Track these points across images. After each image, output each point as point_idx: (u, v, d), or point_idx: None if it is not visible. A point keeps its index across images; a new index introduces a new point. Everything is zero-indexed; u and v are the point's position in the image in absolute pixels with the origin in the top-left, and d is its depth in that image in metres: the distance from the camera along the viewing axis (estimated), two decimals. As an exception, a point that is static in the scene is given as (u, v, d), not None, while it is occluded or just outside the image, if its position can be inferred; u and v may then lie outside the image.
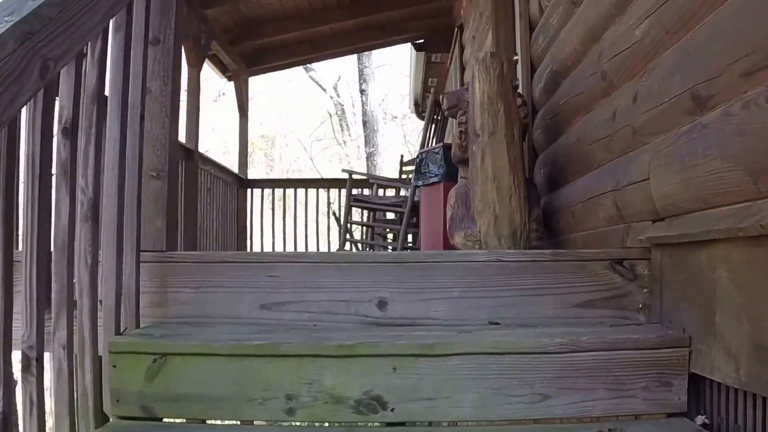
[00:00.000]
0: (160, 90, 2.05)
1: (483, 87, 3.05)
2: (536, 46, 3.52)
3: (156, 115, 2.04)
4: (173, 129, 2.07)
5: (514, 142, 3.05)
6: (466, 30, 7.09)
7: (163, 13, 2.06)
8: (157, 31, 2.05)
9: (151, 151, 2.03)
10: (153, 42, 2.05)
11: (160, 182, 2.04)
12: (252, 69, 8.64)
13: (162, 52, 2.06)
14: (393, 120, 21.05)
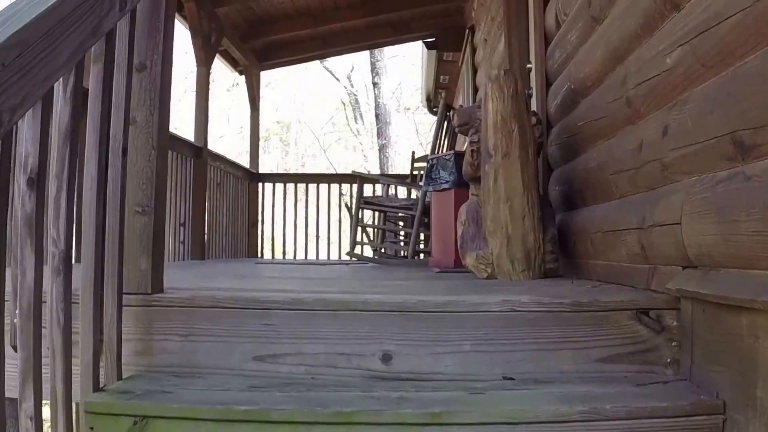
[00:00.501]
0: (146, 120, 1.88)
1: (496, 106, 2.89)
2: (552, 60, 3.34)
3: (141, 146, 1.88)
4: (161, 161, 1.91)
5: (528, 162, 2.89)
6: (478, 32, 6.89)
7: (150, 37, 1.90)
8: (143, 56, 1.89)
9: (136, 185, 1.88)
10: (139, 68, 1.89)
11: (145, 218, 1.88)
12: (263, 64, 8.50)
13: (149, 79, 1.89)
14: (405, 112, 20.84)
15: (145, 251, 1.89)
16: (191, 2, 6.01)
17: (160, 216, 1.93)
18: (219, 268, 4.35)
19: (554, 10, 3.28)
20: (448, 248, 4.64)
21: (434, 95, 10.91)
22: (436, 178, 4.78)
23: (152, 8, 1.92)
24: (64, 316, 1.50)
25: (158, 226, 1.92)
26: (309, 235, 8.65)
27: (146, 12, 1.91)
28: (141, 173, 1.88)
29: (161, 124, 1.91)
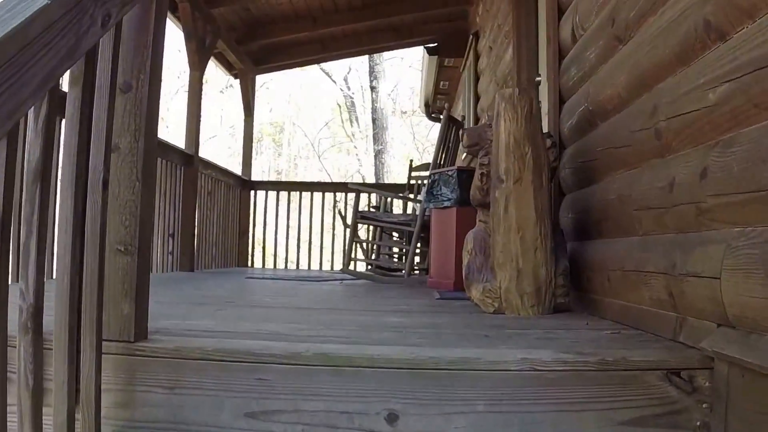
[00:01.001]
0: (131, 147, 1.70)
1: (509, 128, 2.72)
2: (567, 77, 3.17)
3: (125, 177, 1.69)
4: (146, 194, 1.72)
5: (542, 189, 2.72)
6: (482, 39, 6.73)
7: (137, 54, 1.71)
8: (129, 75, 1.71)
9: (119, 221, 1.69)
10: (124, 89, 1.71)
11: (128, 258, 1.70)
12: (260, 68, 8.32)
13: (134, 101, 1.71)
14: (402, 115, 20.67)
15: (127, 295, 1.70)
16: (185, 2, 5.82)
17: (144, 255, 1.74)
18: (207, 288, 4.16)
19: (570, 24, 3.11)
20: (447, 269, 4.48)
21: (433, 101, 10.76)
22: (438, 194, 4.62)
23: (140, 21, 1.74)
24: (34, 378, 1.32)
25: (143, 266, 1.73)
26: (302, 242, 8.46)
27: (133, 25, 1.73)
28: (124, 208, 1.69)
29: (147, 151, 1.72)
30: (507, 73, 5.06)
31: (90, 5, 1.47)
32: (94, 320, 1.56)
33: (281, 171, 24.98)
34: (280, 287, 4.39)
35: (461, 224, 4.41)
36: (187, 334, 1.96)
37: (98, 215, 1.58)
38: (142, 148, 1.71)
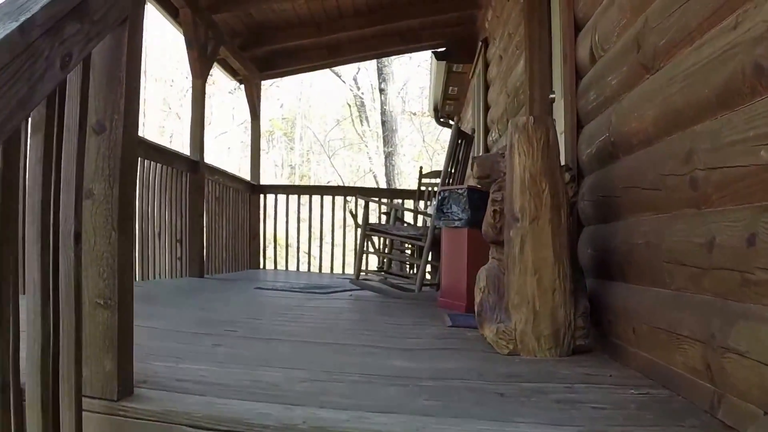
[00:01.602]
0: (106, 193, 1.52)
1: (524, 162, 2.50)
2: (585, 101, 2.95)
3: (100, 226, 1.52)
4: (124, 243, 1.54)
5: (560, 228, 2.51)
6: (492, 46, 6.50)
7: (110, 91, 1.53)
8: (101, 114, 1.52)
9: (96, 274, 1.53)
10: (97, 129, 1.52)
11: (108, 312, 1.53)
12: (264, 73, 8.14)
13: (108, 143, 1.52)
14: (412, 116, 20.43)
15: (109, 350, 1.55)
16: (186, 8, 5.64)
17: (125, 308, 1.58)
18: (211, 305, 3.97)
19: (589, 42, 2.88)
20: (459, 289, 4.28)
21: (442, 106, 10.53)
22: (448, 213, 4.42)
23: (112, 54, 1.55)
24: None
25: (125, 320, 1.57)
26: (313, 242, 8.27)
27: (104, 59, 1.55)
28: (101, 259, 1.53)
29: (124, 198, 1.54)
30: (519, 85, 4.84)
31: (44, 47, 1.28)
32: (73, 381, 1.43)
33: (294, 165, 24.89)
34: (287, 305, 4.19)
35: (473, 246, 4.22)
36: (177, 388, 1.79)
37: (71, 270, 1.43)
38: (118, 194, 1.53)
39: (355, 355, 2.46)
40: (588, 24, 2.94)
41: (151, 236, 5.23)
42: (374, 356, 2.46)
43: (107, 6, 1.45)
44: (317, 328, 3.14)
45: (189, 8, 5.63)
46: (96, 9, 1.40)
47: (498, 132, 5.98)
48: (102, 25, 1.43)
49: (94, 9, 1.39)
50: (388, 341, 2.84)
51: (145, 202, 5.10)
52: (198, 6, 5.78)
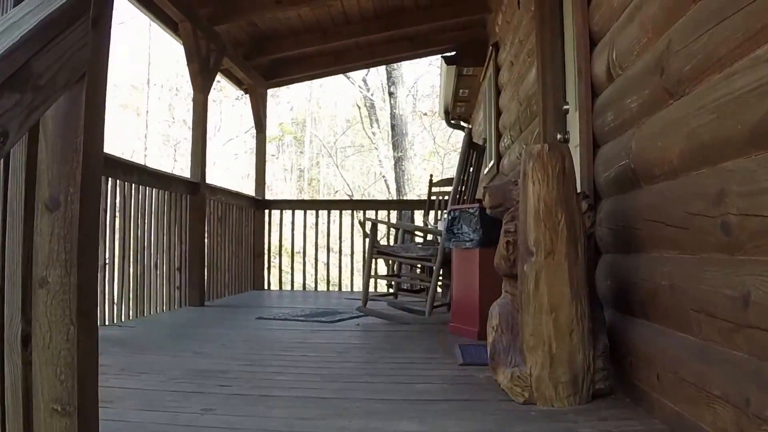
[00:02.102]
0: (62, 281, 1.33)
1: (538, 191, 2.33)
2: (602, 121, 2.76)
3: (57, 320, 1.32)
4: (85, 339, 1.35)
5: (577, 262, 2.33)
6: (503, 51, 6.30)
7: (64, 161, 1.34)
8: (55, 188, 1.34)
9: (52, 374, 1.33)
10: (50, 206, 1.34)
11: (67, 420, 1.33)
12: (270, 82, 7.98)
13: (63, 222, 1.34)
14: (422, 116, 20.23)
15: None
16: (186, 22, 5.48)
17: (89, 415, 1.37)
18: (209, 344, 3.81)
19: (606, 59, 2.70)
20: (470, 314, 4.12)
21: (453, 108, 10.35)
22: (459, 233, 4.25)
23: (67, 117, 1.36)
24: None
25: (87, 428, 1.37)
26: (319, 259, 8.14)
27: (58, 123, 1.36)
28: (58, 358, 1.32)
29: (85, 284, 1.35)
30: (531, 94, 4.65)
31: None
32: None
33: (303, 168, 24.78)
34: (289, 340, 4.01)
35: (484, 267, 4.04)
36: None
37: (19, 380, 1.24)
38: (77, 282, 1.34)
39: (357, 417, 2.26)
40: (604, 39, 2.76)
41: (148, 268, 5.05)
42: (378, 417, 2.26)
43: (57, 66, 1.27)
44: (318, 376, 2.94)
45: (189, 21, 5.47)
46: (41, 73, 1.22)
47: (510, 138, 5.79)
48: (50, 89, 1.25)
49: (38, 73, 1.21)
50: (394, 390, 2.65)
51: (141, 232, 4.91)
52: (198, 18, 5.63)
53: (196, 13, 5.61)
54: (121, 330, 4.29)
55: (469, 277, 4.18)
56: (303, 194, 24.95)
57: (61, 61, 1.34)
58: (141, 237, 4.93)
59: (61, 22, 1.36)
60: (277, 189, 24.22)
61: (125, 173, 4.66)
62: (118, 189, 4.51)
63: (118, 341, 3.78)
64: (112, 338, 3.88)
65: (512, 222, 2.49)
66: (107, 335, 3.99)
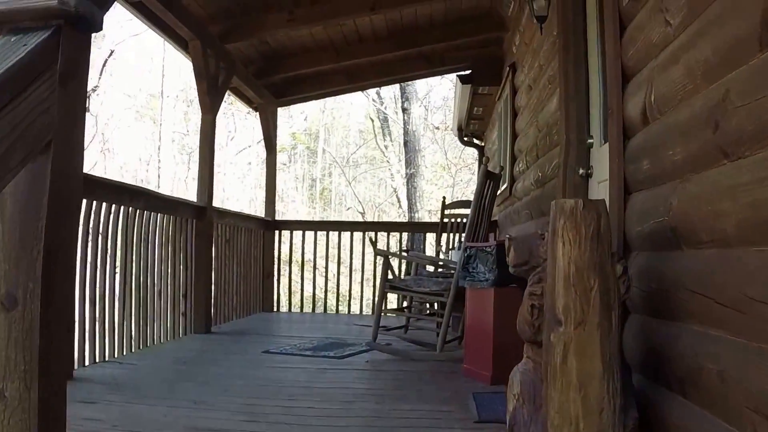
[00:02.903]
0: (21, 396, 1.11)
1: (569, 253, 2.09)
2: (636, 167, 2.53)
3: None
4: None
5: (610, 333, 2.08)
6: (520, 73, 6.08)
7: (24, 250, 1.13)
8: (12, 283, 1.13)
9: None
10: (7, 304, 1.13)
11: None
12: (281, 100, 7.79)
13: (22, 323, 1.12)
14: (435, 130, 19.97)
15: None
16: (196, 40, 5.30)
17: None
18: (209, 388, 3.58)
19: (642, 100, 2.46)
20: (484, 358, 3.89)
21: (466, 125, 10.14)
22: (474, 272, 4.02)
23: (27, 198, 1.16)
24: None
25: None
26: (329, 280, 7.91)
27: (18, 205, 1.16)
28: None
29: (47, 399, 1.14)
30: (551, 123, 4.42)
31: None
32: None
33: (315, 179, 24.69)
34: (292, 384, 3.78)
35: (499, 308, 3.83)
36: None
37: None
38: (37, 398, 1.12)
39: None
40: (640, 76, 2.52)
41: (151, 296, 4.86)
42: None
43: (11, 138, 1.06)
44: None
45: (198, 40, 5.29)
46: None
47: (526, 163, 5.56)
48: (2, 169, 1.05)
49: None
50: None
51: (143, 260, 4.72)
52: (208, 37, 5.45)
53: (207, 32, 5.43)
54: (121, 368, 4.08)
55: (484, 319, 3.95)
56: (315, 202, 24.91)
57: (18, 131, 1.13)
58: (144, 264, 4.75)
59: (16, 81, 1.15)
60: (288, 198, 24.15)
61: (132, 199, 4.49)
62: (121, 215, 4.34)
63: (116, 386, 3.58)
64: (109, 381, 3.68)
65: (539, 284, 2.25)
66: (105, 376, 3.79)
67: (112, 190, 4.29)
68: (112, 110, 19.92)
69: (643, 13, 2.47)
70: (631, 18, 2.63)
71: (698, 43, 1.93)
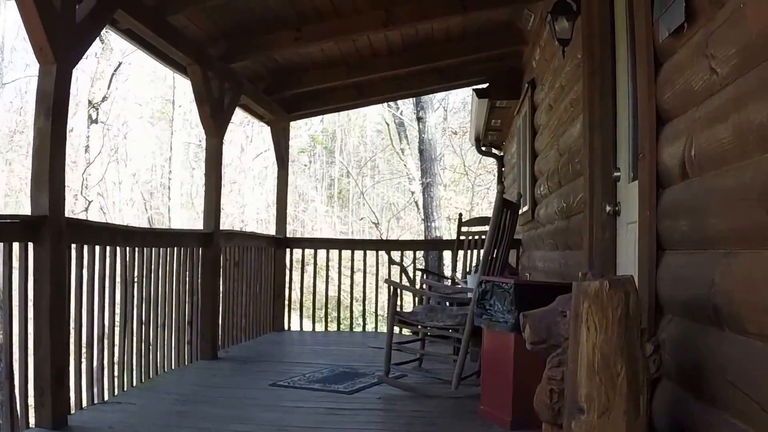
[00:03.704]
0: None
1: (594, 338, 1.86)
2: (671, 224, 2.28)
3: None
4: None
5: (638, 420, 1.86)
6: (540, 90, 5.82)
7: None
8: None
9: None
10: None
11: None
12: (292, 115, 7.59)
13: None
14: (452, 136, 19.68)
15: None
16: (195, 65, 5.07)
17: None
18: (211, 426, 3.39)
19: (680, 151, 2.20)
20: (503, 401, 3.63)
21: (484, 136, 9.87)
22: (490, 309, 3.77)
23: None
24: None
25: None
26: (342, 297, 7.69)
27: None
28: None
29: None
30: (574, 150, 4.17)
31: None
32: None
33: (333, 179, 24.59)
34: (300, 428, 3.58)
35: (520, 353, 3.55)
36: None
37: None
38: None
39: None
40: (678, 124, 2.27)
41: (155, 327, 4.67)
42: None
43: None
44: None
45: (197, 64, 5.05)
46: None
47: (548, 188, 5.30)
48: None
49: None
50: None
51: (145, 295, 4.53)
52: (209, 59, 5.22)
53: (206, 54, 5.20)
54: (119, 410, 3.88)
55: (503, 362, 3.69)
56: (333, 201, 24.89)
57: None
58: (147, 299, 4.57)
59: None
60: (308, 197, 24.14)
61: (126, 239, 4.30)
62: (118, 256, 4.16)
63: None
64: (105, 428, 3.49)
65: (558, 369, 2.01)
66: (101, 421, 3.59)
67: (104, 233, 4.17)
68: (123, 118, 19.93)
69: (683, 53, 2.22)
70: (669, 55, 2.38)
71: (751, 104, 1.68)
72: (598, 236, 3.53)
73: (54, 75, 3.41)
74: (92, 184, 18.54)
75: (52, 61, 3.39)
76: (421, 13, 5.56)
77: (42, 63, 3.42)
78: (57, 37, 3.37)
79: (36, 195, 3.37)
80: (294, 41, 5.52)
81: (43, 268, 3.34)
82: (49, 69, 3.42)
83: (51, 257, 3.33)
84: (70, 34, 3.50)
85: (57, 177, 3.42)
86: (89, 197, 18.20)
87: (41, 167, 3.37)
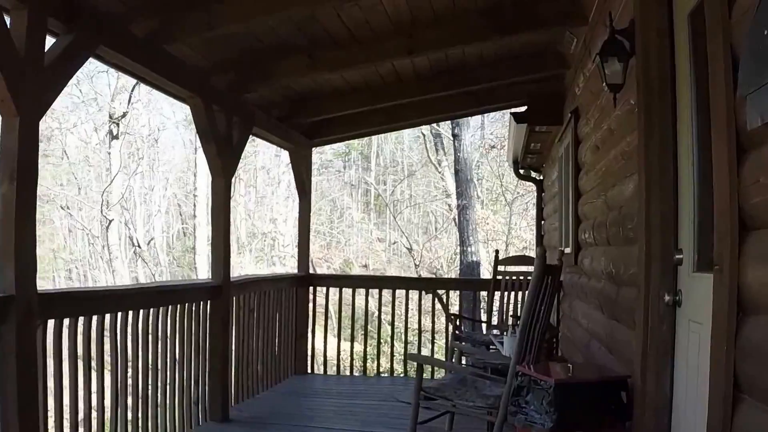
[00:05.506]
0: None
1: None
2: (756, 370, 1.67)
3: None
4: None
5: None
6: (584, 124, 5.17)
7: None
8: None
9: None
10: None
11: None
12: (314, 141, 7.06)
13: None
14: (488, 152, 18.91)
15: None
16: (197, 98, 4.57)
17: None
18: None
19: None
20: None
21: (522, 158, 9.20)
22: (526, 408, 3.20)
23: None
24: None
25: None
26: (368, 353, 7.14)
27: None
28: None
29: None
30: (625, 212, 3.55)
31: None
32: None
33: (370, 184, 24.16)
34: None
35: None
36: None
37: None
38: None
39: None
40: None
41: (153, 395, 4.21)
42: None
43: None
44: None
45: (200, 97, 4.53)
46: None
47: (594, 239, 4.66)
48: None
49: None
50: None
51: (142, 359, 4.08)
52: (212, 91, 4.68)
53: (210, 85, 4.68)
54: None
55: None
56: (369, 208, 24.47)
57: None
58: (144, 363, 4.13)
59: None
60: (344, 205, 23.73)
61: (119, 304, 3.89)
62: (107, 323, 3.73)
63: None
64: None
65: None
66: None
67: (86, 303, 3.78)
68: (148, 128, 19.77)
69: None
70: (757, 145, 1.77)
71: None
72: (654, 326, 2.92)
73: (17, 129, 2.96)
74: (113, 202, 18.34)
75: (14, 114, 2.95)
76: (448, 40, 4.96)
77: (4, 116, 2.98)
78: (20, 86, 2.92)
79: (0, 272, 2.94)
80: (307, 68, 4.98)
81: (7, 352, 2.94)
82: (12, 123, 2.97)
83: (17, 339, 2.92)
84: (37, 80, 3.04)
85: (25, 250, 3.00)
86: (110, 216, 18.01)
87: (6, 239, 2.94)
